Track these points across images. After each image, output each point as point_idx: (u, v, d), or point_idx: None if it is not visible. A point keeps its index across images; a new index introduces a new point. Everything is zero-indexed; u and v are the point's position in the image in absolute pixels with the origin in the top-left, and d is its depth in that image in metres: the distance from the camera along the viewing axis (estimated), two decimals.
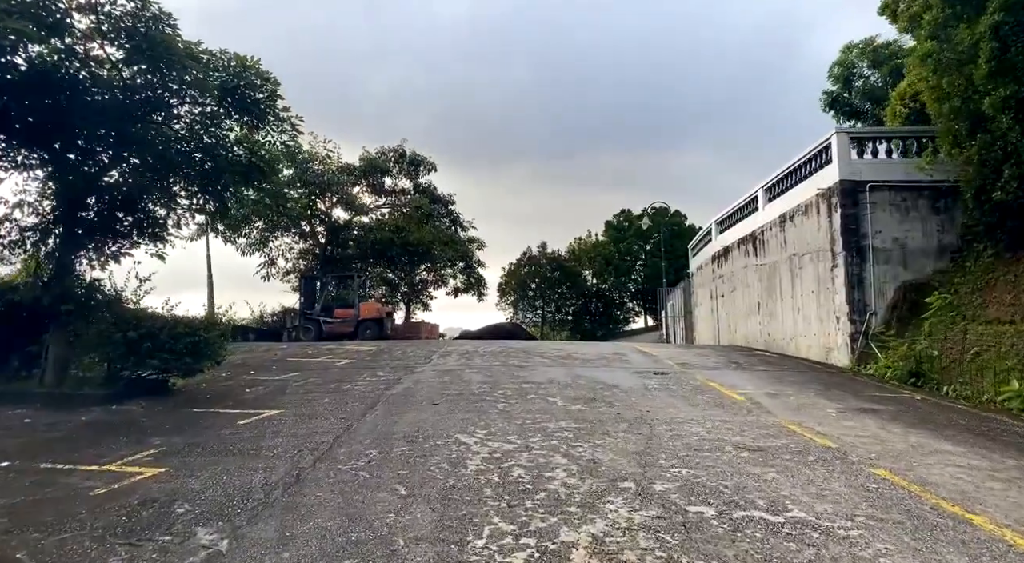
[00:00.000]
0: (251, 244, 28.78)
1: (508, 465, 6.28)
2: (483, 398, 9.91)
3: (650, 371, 13.08)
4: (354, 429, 8.02)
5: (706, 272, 26.61)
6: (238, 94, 11.79)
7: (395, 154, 31.55)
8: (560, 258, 53.91)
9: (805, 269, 16.98)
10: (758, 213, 20.50)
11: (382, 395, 10.31)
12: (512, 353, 16.00)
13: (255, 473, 6.22)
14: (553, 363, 14.24)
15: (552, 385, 11.11)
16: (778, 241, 18.80)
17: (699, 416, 8.70)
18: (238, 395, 10.74)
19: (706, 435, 7.57)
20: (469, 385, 11.12)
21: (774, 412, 9.10)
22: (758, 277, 20.35)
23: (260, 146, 12.90)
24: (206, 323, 10.75)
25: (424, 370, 13.15)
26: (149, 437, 7.94)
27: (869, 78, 28.73)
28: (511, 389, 10.71)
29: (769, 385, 11.59)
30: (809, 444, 7.21)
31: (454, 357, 15.35)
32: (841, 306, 15.06)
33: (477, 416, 8.62)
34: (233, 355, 16.56)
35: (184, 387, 11.41)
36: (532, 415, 8.66)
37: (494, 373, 12.56)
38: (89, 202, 11.86)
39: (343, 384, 11.52)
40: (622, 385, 11.17)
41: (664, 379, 12.02)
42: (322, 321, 24.62)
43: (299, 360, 15.35)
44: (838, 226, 15.18)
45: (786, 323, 18.16)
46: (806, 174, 17.01)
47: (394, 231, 29.48)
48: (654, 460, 6.45)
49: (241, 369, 13.89)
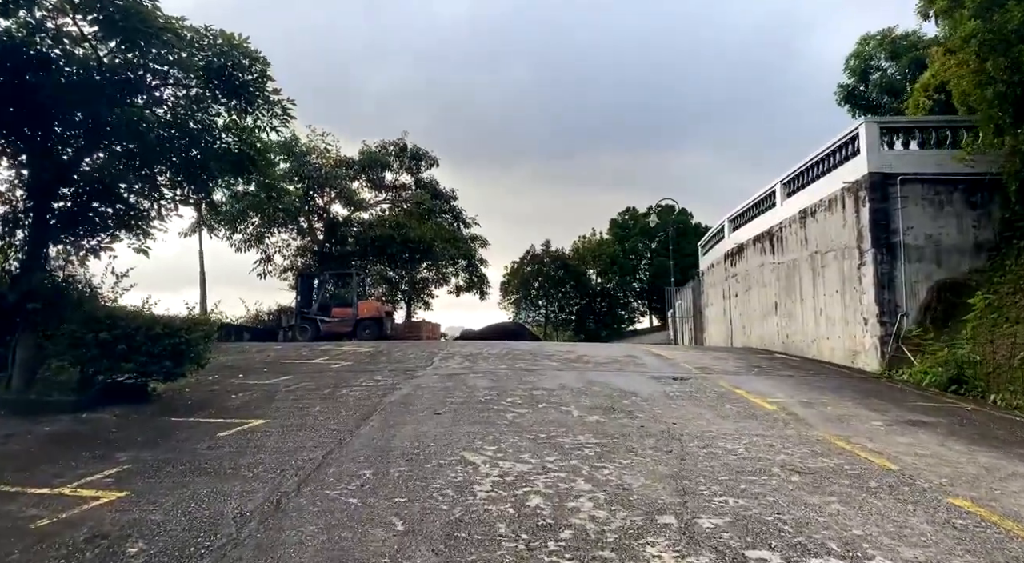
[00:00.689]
0: (246, 240, 27.89)
1: (523, 492, 5.38)
2: (490, 407, 9.01)
3: (668, 376, 12.17)
4: (347, 443, 7.13)
5: (718, 271, 25.68)
6: (225, 75, 10.87)
7: (396, 148, 30.55)
8: (564, 257, 52.95)
9: (828, 267, 16.06)
10: (775, 209, 19.57)
11: (379, 403, 9.41)
12: (518, 355, 15.10)
13: (228, 500, 5.33)
14: (563, 367, 13.33)
15: (565, 392, 10.21)
16: (798, 238, 17.88)
17: (732, 430, 7.79)
18: (223, 401, 9.85)
19: (745, 453, 6.67)
20: (474, 392, 10.22)
21: (814, 425, 8.19)
22: (775, 276, 19.43)
23: (250, 133, 12.00)
24: (188, 323, 9.85)
25: (425, 374, 12.25)
26: (116, 452, 7.05)
27: (887, 70, 27.84)
28: (520, 396, 9.80)
29: (800, 392, 10.68)
30: (866, 465, 6.30)
31: (457, 359, 14.45)
32: (869, 307, 14.14)
33: (484, 429, 7.72)
34: (224, 356, 15.68)
35: (165, 392, 10.52)
36: (546, 428, 7.76)
37: (500, 378, 11.66)
38: (63, 191, 10.96)
39: (337, 390, 10.63)
40: (641, 392, 10.27)
41: (685, 386, 11.11)
42: (319, 320, 23.70)
43: (292, 362, 14.45)
44: (866, 222, 14.26)
45: (807, 324, 17.24)
46: (830, 167, 16.08)
47: (394, 227, 28.54)
48: (693, 486, 5.55)
49: (230, 372, 13.00)
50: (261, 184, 12.52)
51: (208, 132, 11.60)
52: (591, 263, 53.51)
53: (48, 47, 10.11)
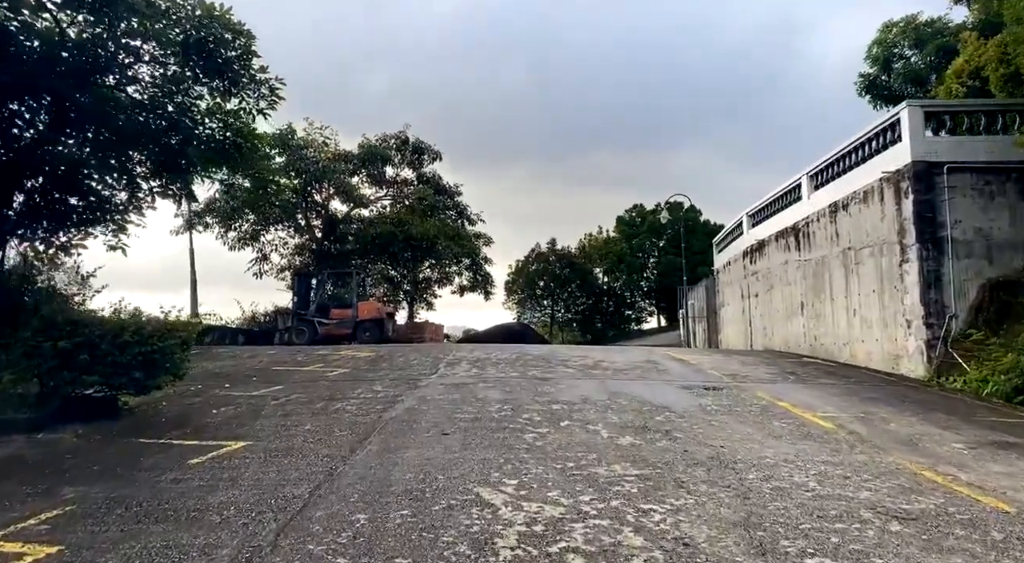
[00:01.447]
0: (240, 238, 26.72)
1: (559, 549, 4.23)
2: (506, 425, 7.86)
3: (698, 385, 11.02)
4: (339, 475, 5.99)
5: (735, 269, 24.50)
6: (205, 51, 9.75)
7: (397, 141, 29.29)
8: (570, 255, 51.70)
9: (864, 265, 14.88)
10: (801, 203, 18.39)
11: (378, 420, 8.27)
12: (530, 361, 13.95)
13: (186, 558, 4.20)
14: (580, 374, 12.18)
15: (588, 406, 9.06)
16: (827, 233, 16.70)
17: (792, 454, 6.64)
18: (201, 418, 8.72)
19: (820, 489, 5.51)
20: (486, 406, 9.06)
21: (884, 447, 7.03)
22: (801, 274, 18.26)
23: (236, 118, 10.87)
24: (162, 329, 8.70)
25: (429, 383, 11.11)
26: (64, 485, 5.92)
27: (910, 59, 26.61)
28: (538, 412, 8.65)
29: (850, 405, 9.51)
30: (974, 506, 5.14)
31: (464, 366, 13.30)
32: (914, 307, 12.96)
33: (501, 454, 6.57)
34: (212, 363, 14.57)
35: (139, 407, 9.40)
36: (573, 453, 6.61)
37: (513, 388, 10.52)
38: (25, 182, 9.84)
39: (332, 402, 9.49)
40: (674, 406, 9.11)
41: (720, 397, 9.95)
42: (317, 322, 22.51)
43: (285, 369, 13.31)
44: (909, 215, 13.08)
45: (838, 326, 16.07)
46: (866, 156, 14.90)
47: (396, 224, 27.33)
48: (771, 539, 4.39)
49: (215, 381, 11.87)
50: (251, 176, 11.38)
51: (188, 115, 10.47)
52: (598, 262, 52.26)
53: (5, 18, 8.98)
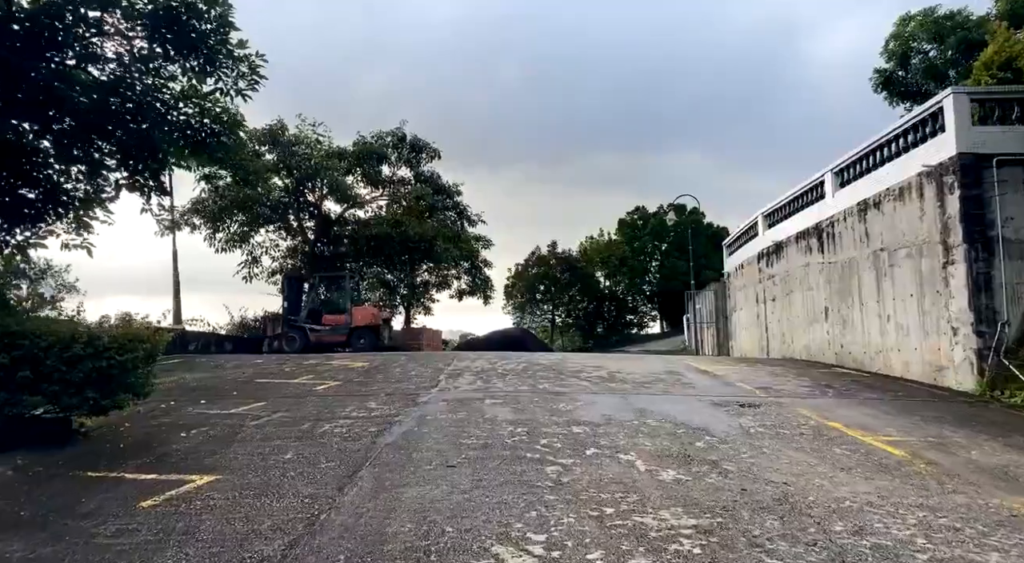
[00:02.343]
0: (229, 239, 25.46)
1: None
2: (522, 454, 6.68)
3: (731, 401, 9.85)
4: (321, 525, 4.81)
5: (750, 272, 23.36)
6: (177, 24, 8.58)
7: (394, 138, 28.02)
8: (571, 258, 50.49)
9: (899, 267, 13.74)
10: (825, 201, 17.25)
11: (371, 446, 7.08)
12: (539, 372, 12.77)
13: None
14: (597, 387, 11.02)
15: (614, 428, 7.88)
16: (855, 234, 15.56)
17: (873, 494, 5.47)
18: (167, 443, 7.51)
19: (934, 549, 4.34)
20: (496, 428, 7.88)
21: (978, 483, 5.87)
22: (825, 278, 17.11)
23: (215, 102, 9.70)
24: (121, 340, 7.50)
25: (430, 399, 9.93)
26: None
27: (928, 53, 25.57)
28: (558, 436, 7.47)
29: (912, 425, 8.35)
30: None
31: (467, 378, 12.12)
32: (960, 314, 11.82)
33: (520, 495, 5.39)
34: (192, 374, 13.38)
35: (98, 429, 8.21)
36: (609, 493, 5.43)
37: (525, 405, 9.33)
38: None
39: (319, 423, 8.29)
40: (711, 428, 7.94)
41: (760, 415, 8.79)
42: (308, 329, 21.25)
43: (270, 382, 12.11)
44: (955, 212, 11.94)
45: (869, 333, 14.92)
46: (901, 149, 13.77)
47: (392, 225, 26.09)
48: None
49: (191, 396, 10.68)
50: (232, 167, 10.20)
51: (158, 98, 9.30)
52: (599, 265, 51.10)
53: None
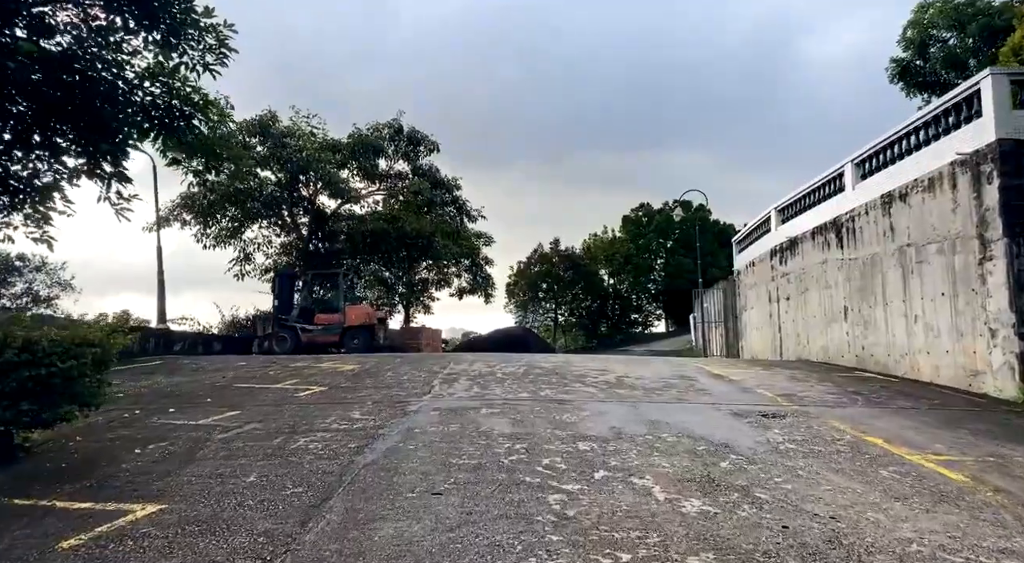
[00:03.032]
0: (218, 236, 24.51)
1: None
2: (520, 477, 5.76)
3: (752, 411, 8.91)
4: None
5: (761, 269, 22.39)
6: None
7: (390, 130, 27.00)
8: (575, 256, 49.48)
9: (928, 263, 12.78)
10: (844, 194, 16.30)
11: (348, 467, 6.17)
12: (541, 377, 11.84)
13: None
14: (604, 394, 10.09)
15: (624, 444, 6.95)
16: (879, 228, 14.60)
17: (941, 533, 4.54)
18: (116, 462, 6.61)
19: None
20: (491, 444, 6.96)
21: None
22: (844, 275, 16.16)
23: (185, 81, 8.78)
24: (65, 344, 6.59)
25: (420, 408, 9.01)
26: None
27: (948, 42, 24.58)
28: (561, 454, 6.54)
29: (961, 440, 7.40)
30: None
31: (463, 383, 11.20)
32: (999, 314, 10.86)
33: (517, 534, 4.47)
34: (168, 378, 12.49)
35: (46, 443, 7.32)
36: (623, 531, 4.51)
37: (524, 415, 8.41)
38: None
39: (294, 437, 7.38)
40: (735, 443, 7.01)
41: (787, 428, 7.85)
42: (299, 329, 20.32)
43: (250, 387, 11.22)
44: (994, 203, 10.99)
45: (894, 334, 13.96)
46: (931, 137, 12.81)
47: (389, 221, 25.13)
48: None
49: (162, 403, 9.78)
50: (204, 152, 9.27)
51: (119, 76, 8.39)
52: (603, 263, 50.08)
53: None
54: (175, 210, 24.09)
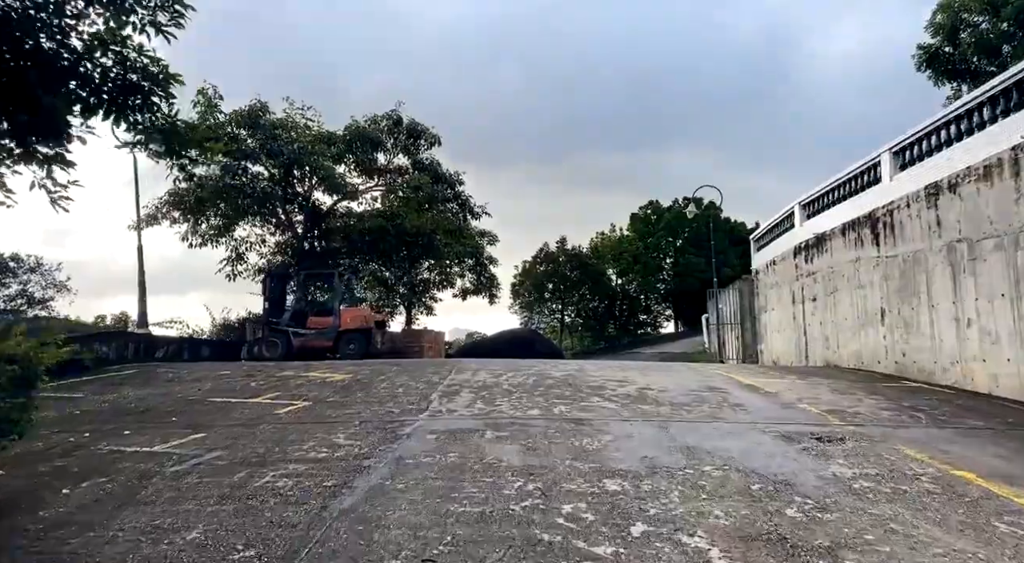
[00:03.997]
0: (206, 234, 23.26)
1: None
2: (535, 534, 4.48)
3: (803, 432, 7.61)
4: None
5: (784, 268, 21.05)
6: None
7: (389, 122, 25.68)
8: (582, 255, 48.09)
9: (984, 261, 11.46)
10: (881, 186, 14.98)
11: (318, 517, 4.89)
12: (553, 389, 10.56)
13: None
14: (628, 412, 8.80)
15: (662, 481, 5.66)
16: (922, 222, 13.28)
17: None
18: (31, 510, 5.35)
19: None
20: (499, 482, 5.67)
21: None
22: (881, 274, 14.83)
23: (139, 47, 7.52)
24: None
25: (415, 430, 7.74)
26: None
27: (979, 26, 23.17)
28: (587, 498, 5.25)
29: None
30: None
31: (465, 397, 9.93)
32: None
33: None
34: (136, 390, 11.26)
35: None
36: None
37: (538, 441, 7.12)
38: None
39: (260, 471, 6.11)
40: (797, 481, 5.71)
41: (854, 458, 6.55)
42: (291, 333, 19.04)
43: (225, 401, 9.96)
44: None
45: (941, 339, 12.64)
46: (986, 120, 11.50)
47: (388, 218, 23.86)
48: None
49: (119, 422, 8.55)
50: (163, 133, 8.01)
51: (62, 44, 7.14)
52: (611, 262, 48.69)
53: None
54: (163, 207, 22.90)
